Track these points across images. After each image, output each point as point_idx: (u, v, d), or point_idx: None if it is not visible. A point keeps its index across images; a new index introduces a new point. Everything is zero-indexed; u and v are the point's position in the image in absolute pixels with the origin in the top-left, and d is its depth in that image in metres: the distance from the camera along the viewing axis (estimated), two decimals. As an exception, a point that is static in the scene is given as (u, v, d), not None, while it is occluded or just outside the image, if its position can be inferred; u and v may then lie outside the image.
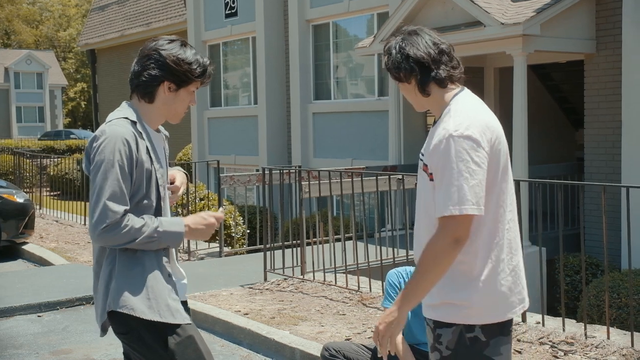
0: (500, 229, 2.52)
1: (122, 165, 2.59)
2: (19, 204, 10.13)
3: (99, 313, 2.70)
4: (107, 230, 2.56)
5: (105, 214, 2.56)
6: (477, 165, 2.40)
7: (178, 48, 2.71)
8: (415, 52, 2.53)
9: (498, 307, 2.54)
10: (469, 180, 2.37)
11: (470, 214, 2.37)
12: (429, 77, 2.53)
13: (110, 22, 24.65)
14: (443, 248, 2.39)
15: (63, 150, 29.11)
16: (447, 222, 2.39)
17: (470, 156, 2.39)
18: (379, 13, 12.99)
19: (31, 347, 5.81)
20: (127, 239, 2.58)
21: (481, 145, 2.42)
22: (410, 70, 2.53)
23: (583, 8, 9.49)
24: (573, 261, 9.13)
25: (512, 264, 2.57)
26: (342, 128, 13.75)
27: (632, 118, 8.90)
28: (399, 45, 2.57)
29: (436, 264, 2.41)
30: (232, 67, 17.08)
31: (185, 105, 2.79)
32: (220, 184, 9.30)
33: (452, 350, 2.53)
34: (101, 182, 2.58)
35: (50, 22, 69.29)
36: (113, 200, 2.57)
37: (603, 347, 4.94)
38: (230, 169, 16.27)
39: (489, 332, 2.52)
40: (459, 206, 2.37)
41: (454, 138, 2.41)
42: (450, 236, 2.39)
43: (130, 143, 2.61)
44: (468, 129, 2.42)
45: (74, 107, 66.64)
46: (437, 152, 2.44)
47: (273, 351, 5.50)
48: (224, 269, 8.45)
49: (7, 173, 18.58)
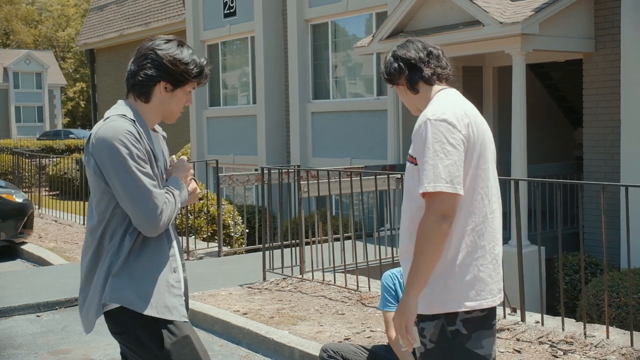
0: (477, 214, 2.62)
1: (138, 153, 2.59)
2: (17, 204, 10.13)
3: (94, 309, 2.66)
4: (163, 213, 2.61)
5: (154, 203, 2.59)
6: (452, 147, 2.53)
7: (175, 48, 2.70)
8: (404, 53, 2.77)
9: (476, 293, 2.60)
10: (443, 160, 2.51)
11: (445, 192, 2.49)
12: (416, 75, 2.74)
13: (109, 21, 24.64)
14: (430, 224, 2.50)
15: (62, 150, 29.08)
16: (430, 199, 2.52)
17: (445, 137, 2.53)
18: (377, 12, 12.98)
19: (30, 347, 5.81)
20: (173, 210, 2.68)
21: (457, 128, 2.56)
22: (399, 69, 2.76)
23: (582, 7, 9.48)
24: (572, 260, 9.13)
25: (494, 253, 2.67)
26: (340, 127, 13.74)
27: (630, 117, 8.90)
28: (392, 51, 2.82)
29: (427, 241, 2.50)
30: (231, 67, 17.07)
31: (181, 105, 2.78)
32: (219, 184, 9.29)
33: (435, 344, 2.62)
34: (131, 178, 2.57)
35: (49, 22, 69.25)
36: (151, 186, 2.60)
37: (602, 346, 4.94)
38: (229, 168, 16.26)
39: (470, 326, 2.60)
40: (433, 183, 2.49)
41: (430, 121, 2.57)
42: (435, 212, 2.50)
43: (135, 134, 2.61)
44: (444, 114, 2.58)
45: (73, 106, 66.60)
46: (417, 136, 2.60)
47: (272, 351, 5.49)
48: (223, 269, 8.44)
49: (6, 173, 18.57)
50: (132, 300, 2.60)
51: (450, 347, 2.60)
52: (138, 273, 2.63)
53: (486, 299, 2.62)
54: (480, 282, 2.61)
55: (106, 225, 2.66)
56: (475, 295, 2.60)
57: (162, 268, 2.69)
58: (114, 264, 2.64)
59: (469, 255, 2.60)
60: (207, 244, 10.16)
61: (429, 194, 2.51)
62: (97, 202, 2.67)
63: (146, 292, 2.62)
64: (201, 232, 10.74)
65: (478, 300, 2.60)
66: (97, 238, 2.68)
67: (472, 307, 2.59)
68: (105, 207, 2.66)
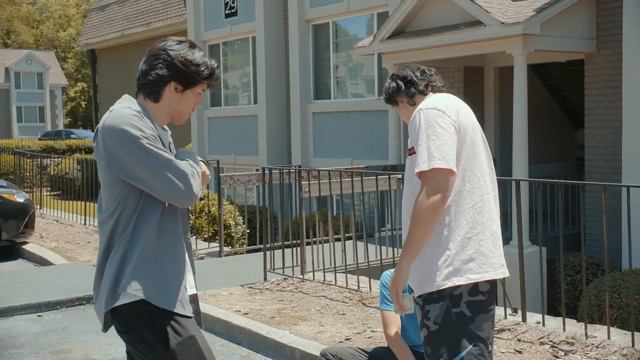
0: (475, 193, 2.81)
1: (152, 133, 2.61)
2: (19, 204, 10.13)
3: (105, 300, 2.64)
4: (194, 179, 2.65)
5: (183, 171, 2.62)
6: (443, 129, 2.73)
7: (187, 49, 2.72)
8: (400, 73, 3.15)
9: (478, 266, 2.75)
10: (435, 141, 2.71)
11: (437, 167, 2.66)
12: (412, 88, 3.08)
13: (110, 22, 24.65)
14: (424, 200, 2.66)
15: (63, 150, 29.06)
16: (423, 177, 2.70)
17: (436, 122, 2.75)
18: (378, 13, 12.98)
19: (31, 347, 5.81)
20: (199, 180, 2.70)
21: (446, 113, 2.78)
22: (397, 87, 3.11)
23: (583, 7, 9.48)
24: (573, 261, 9.12)
25: (492, 229, 2.84)
26: (341, 128, 13.74)
27: (632, 117, 8.89)
28: (392, 73, 3.21)
29: (420, 214, 2.66)
30: (232, 67, 17.07)
31: (190, 107, 2.79)
32: (220, 184, 9.29)
33: (440, 325, 2.74)
34: (150, 156, 2.58)
35: (50, 22, 69.30)
36: (176, 163, 2.62)
37: (604, 347, 4.93)
38: (230, 168, 16.26)
39: (474, 308, 2.73)
40: (427, 162, 2.68)
41: (422, 111, 2.81)
42: (429, 187, 2.67)
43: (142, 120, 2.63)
44: (434, 104, 2.83)
45: (74, 107, 66.64)
46: (411, 126, 2.82)
47: (273, 351, 5.49)
48: (224, 269, 8.45)
49: (8, 173, 18.57)
50: (149, 291, 2.59)
51: (454, 329, 2.73)
52: (154, 265, 2.62)
53: (488, 272, 2.77)
54: (482, 256, 2.76)
55: (118, 218, 2.64)
56: (478, 268, 2.75)
57: (177, 263, 2.69)
58: (128, 253, 2.62)
59: (470, 231, 2.77)
60: (208, 244, 10.16)
61: (423, 173, 2.69)
62: (109, 194, 2.66)
63: (162, 285, 2.62)
64: (202, 232, 10.74)
65: (480, 272, 2.75)
66: (109, 231, 2.66)
67: (475, 280, 2.73)
68: (116, 200, 2.64)
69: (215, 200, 10.94)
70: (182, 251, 2.73)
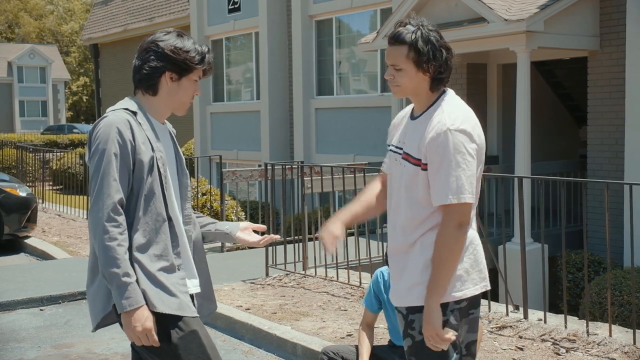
0: (473, 214, 2.72)
1: (117, 153, 2.61)
2: (21, 198, 10.15)
3: (101, 306, 2.68)
4: (109, 220, 2.57)
5: (102, 206, 2.58)
6: (472, 157, 2.59)
7: (175, 38, 2.75)
8: (444, 43, 2.74)
9: (463, 281, 2.65)
10: (465, 171, 2.56)
11: (468, 202, 2.57)
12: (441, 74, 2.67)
13: (113, 16, 24.65)
14: (451, 234, 2.58)
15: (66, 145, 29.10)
16: (449, 210, 2.58)
17: (466, 148, 2.57)
18: (382, 9, 12.97)
19: (33, 341, 5.82)
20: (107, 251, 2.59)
21: (474, 138, 2.61)
22: (425, 53, 2.65)
23: (587, 5, 9.46)
24: (575, 258, 9.12)
25: (474, 245, 2.74)
26: (344, 124, 13.73)
27: (635, 115, 8.88)
28: (420, 24, 2.73)
29: (450, 250, 2.58)
30: (235, 63, 17.07)
31: (189, 95, 2.80)
32: (222, 179, 9.30)
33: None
34: (98, 175, 2.61)
35: (53, 15, 69.29)
36: (112, 188, 2.60)
37: (605, 344, 4.93)
38: (233, 164, 16.27)
39: (459, 315, 2.66)
40: (457, 195, 2.55)
41: (451, 132, 2.57)
42: (455, 221, 2.57)
43: (123, 132, 2.62)
44: (463, 124, 2.59)
45: (77, 101, 66.67)
46: (435, 144, 2.58)
47: (275, 346, 5.50)
48: (226, 264, 8.45)
49: (10, 167, 18.59)
50: (146, 298, 2.61)
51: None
52: (147, 270, 2.64)
53: (475, 286, 2.69)
54: (465, 272, 2.67)
55: None
56: (461, 286, 2.66)
57: (169, 265, 2.69)
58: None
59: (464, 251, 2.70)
60: (210, 239, 10.15)
61: (451, 205, 2.57)
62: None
63: (157, 290, 2.63)
64: (204, 228, 10.73)
65: (470, 287, 2.67)
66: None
67: (461, 297, 2.65)
68: None
69: (217, 195, 10.94)
70: (172, 256, 2.72)
